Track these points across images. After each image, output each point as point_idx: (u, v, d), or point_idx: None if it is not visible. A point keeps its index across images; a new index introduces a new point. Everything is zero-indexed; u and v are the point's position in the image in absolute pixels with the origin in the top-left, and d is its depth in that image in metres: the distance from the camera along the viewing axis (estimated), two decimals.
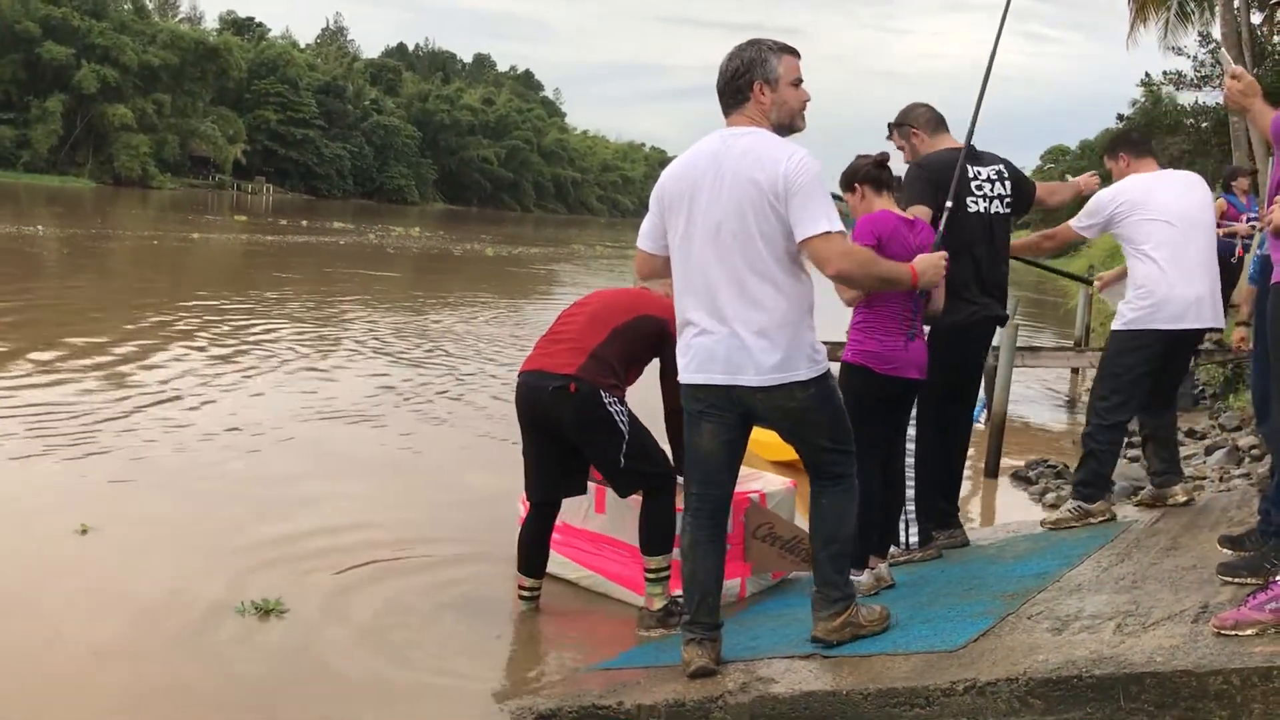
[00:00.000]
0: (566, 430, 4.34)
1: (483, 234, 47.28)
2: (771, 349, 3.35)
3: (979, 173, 4.77)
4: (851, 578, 4.19)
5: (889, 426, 4.29)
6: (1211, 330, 5.16)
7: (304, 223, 42.77)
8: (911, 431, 4.67)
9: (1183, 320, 4.89)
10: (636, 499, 4.48)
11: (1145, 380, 5.01)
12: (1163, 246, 4.87)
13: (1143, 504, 5.40)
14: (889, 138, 4.97)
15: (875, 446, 4.11)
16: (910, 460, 4.70)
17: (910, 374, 4.22)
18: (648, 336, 4.47)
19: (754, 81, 3.47)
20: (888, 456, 4.32)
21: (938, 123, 4.89)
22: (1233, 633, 2.86)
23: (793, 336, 3.38)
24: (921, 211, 4.49)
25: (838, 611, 3.51)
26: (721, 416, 3.47)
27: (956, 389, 4.89)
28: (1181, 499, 5.24)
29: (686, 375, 3.50)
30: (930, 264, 3.84)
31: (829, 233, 3.32)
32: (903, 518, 4.72)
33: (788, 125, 3.52)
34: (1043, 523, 5.29)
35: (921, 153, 4.85)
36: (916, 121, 4.88)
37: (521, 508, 4.86)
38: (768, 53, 3.48)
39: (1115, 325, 5.10)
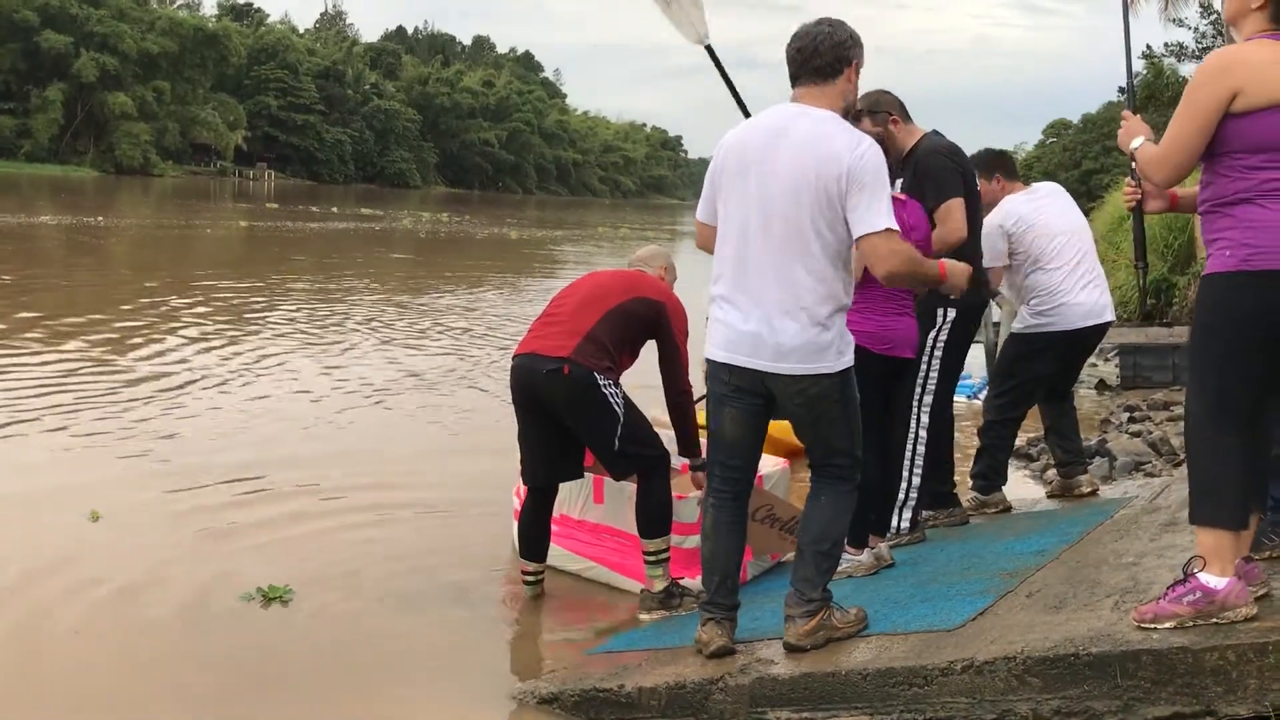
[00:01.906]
0: (561, 413, 4.32)
1: (508, 218, 48.66)
2: (801, 336, 3.30)
3: None
4: (852, 557, 4.22)
5: (883, 405, 4.30)
6: (1107, 325, 5.38)
7: (334, 209, 44.18)
8: (925, 419, 4.68)
9: (1082, 322, 5.19)
10: (634, 486, 4.49)
11: (1044, 380, 5.31)
12: (1057, 258, 5.16)
13: (1053, 495, 5.59)
14: (858, 123, 4.77)
15: (870, 426, 4.12)
16: (921, 449, 4.68)
17: (905, 353, 4.25)
18: (643, 319, 4.44)
19: (852, 61, 3.42)
20: (882, 435, 4.33)
21: (905, 109, 4.74)
22: (1152, 625, 2.86)
23: (825, 327, 3.32)
24: (957, 205, 4.52)
25: (811, 612, 3.40)
26: (744, 401, 3.43)
27: (959, 367, 4.94)
28: (1086, 489, 5.43)
29: (712, 352, 3.46)
30: (961, 271, 3.75)
31: (889, 229, 3.27)
32: (900, 503, 4.72)
33: (851, 109, 3.54)
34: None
35: (900, 140, 4.67)
36: (892, 108, 4.68)
37: (516, 500, 4.87)
38: (858, 36, 3.45)
39: (1015, 328, 5.36)
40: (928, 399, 4.66)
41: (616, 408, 4.28)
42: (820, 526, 3.47)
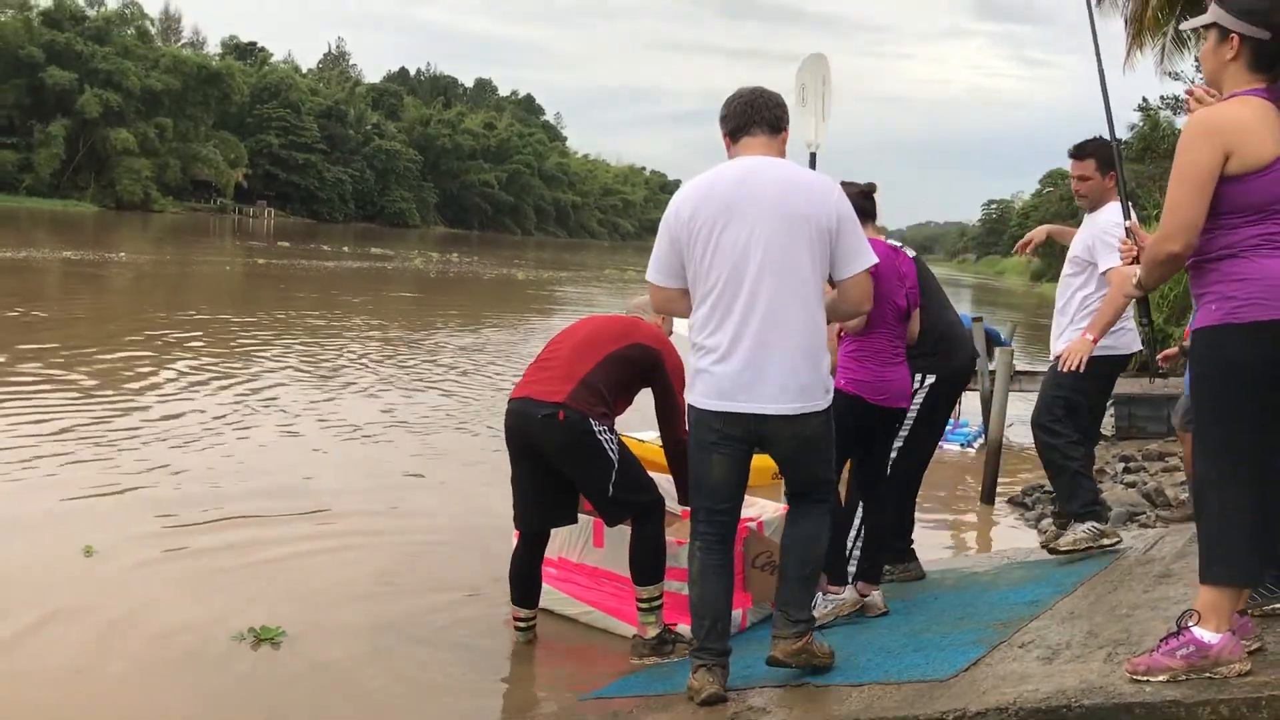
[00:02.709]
0: (555, 459, 4.30)
1: (514, 259, 49.76)
2: (796, 377, 3.37)
3: None
4: (836, 596, 4.26)
5: (873, 453, 4.32)
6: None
7: (345, 248, 45.11)
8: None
9: (1129, 348, 5.11)
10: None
11: (1091, 404, 5.13)
12: None
13: (1047, 544, 5.28)
14: None
15: (862, 472, 4.14)
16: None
17: (899, 403, 4.28)
18: (638, 365, 4.41)
19: (788, 125, 3.61)
20: (874, 483, 4.34)
21: None
22: (1145, 678, 2.85)
23: (816, 365, 3.42)
24: None
25: (799, 633, 3.48)
26: (732, 447, 3.46)
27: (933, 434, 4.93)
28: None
29: (704, 402, 3.46)
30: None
31: (869, 269, 3.51)
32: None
33: None
34: (1054, 550, 5.05)
35: None
36: None
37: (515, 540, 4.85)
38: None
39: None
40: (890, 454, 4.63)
41: (611, 453, 4.26)
42: (803, 549, 3.55)
